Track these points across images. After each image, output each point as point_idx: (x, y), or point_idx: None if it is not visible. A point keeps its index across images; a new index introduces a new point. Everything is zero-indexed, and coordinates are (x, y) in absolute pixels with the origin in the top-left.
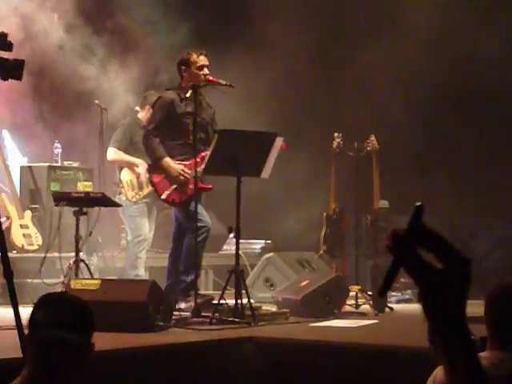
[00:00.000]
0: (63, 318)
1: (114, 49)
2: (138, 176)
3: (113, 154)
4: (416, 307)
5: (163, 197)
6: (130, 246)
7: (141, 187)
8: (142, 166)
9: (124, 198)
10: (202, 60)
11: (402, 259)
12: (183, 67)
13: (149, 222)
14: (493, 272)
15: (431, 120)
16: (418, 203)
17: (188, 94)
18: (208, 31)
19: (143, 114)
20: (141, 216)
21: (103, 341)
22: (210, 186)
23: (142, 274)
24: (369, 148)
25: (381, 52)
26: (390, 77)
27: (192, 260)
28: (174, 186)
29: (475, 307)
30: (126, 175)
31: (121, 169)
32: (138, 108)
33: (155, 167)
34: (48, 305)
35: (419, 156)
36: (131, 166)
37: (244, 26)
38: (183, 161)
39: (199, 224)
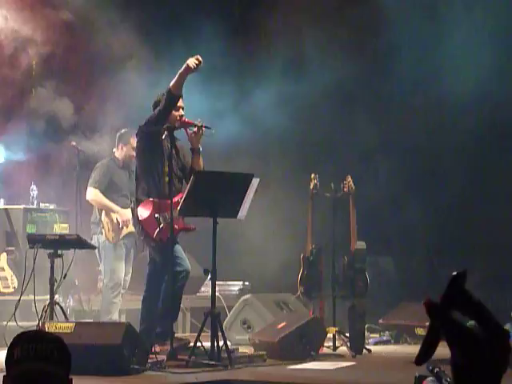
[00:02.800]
0: (43, 352)
1: None
2: (115, 221)
3: (92, 194)
4: (393, 349)
5: (154, 236)
6: (104, 290)
7: (121, 228)
8: (118, 213)
9: (104, 239)
10: (179, 101)
11: (438, 328)
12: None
13: (126, 263)
14: None
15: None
16: (455, 272)
17: (163, 136)
18: None
19: (119, 153)
20: (118, 259)
21: None
22: (193, 227)
23: (116, 318)
24: (345, 189)
25: None
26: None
27: (170, 305)
28: (162, 225)
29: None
30: (106, 216)
31: (101, 209)
32: (114, 149)
33: (143, 202)
34: (25, 341)
35: (396, 196)
36: (108, 211)
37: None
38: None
39: (178, 268)
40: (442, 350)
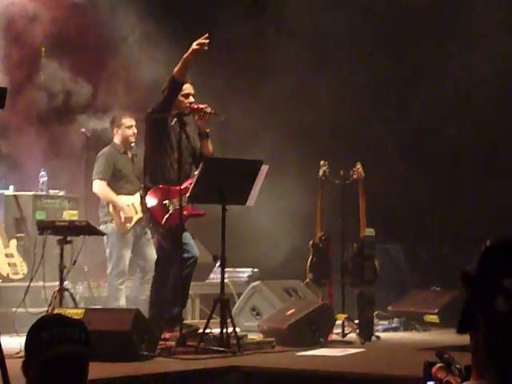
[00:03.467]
0: (73, 335)
1: None
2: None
3: (98, 187)
4: (402, 336)
5: (163, 222)
6: (110, 277)
7: (130, 219)
8: (122, 210)
9: (112, 226)
10: (188, 88)
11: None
12: None
13: (145, 248)
14: None
15: (417, 148)
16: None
17: (173, 123)
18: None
19: (116, 138)
20: (125, 247)
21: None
22: (203, 212)
23: (124, 304)
24: (355, 176)
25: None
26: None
27: (179, 291)
28: (170, 211)
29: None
30: (113, 209)
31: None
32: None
33: (152, 190)
34: (53, 325)
35: (406, 183)
36: (114, 205)
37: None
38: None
39: (186, 255)
40: (452, 338)
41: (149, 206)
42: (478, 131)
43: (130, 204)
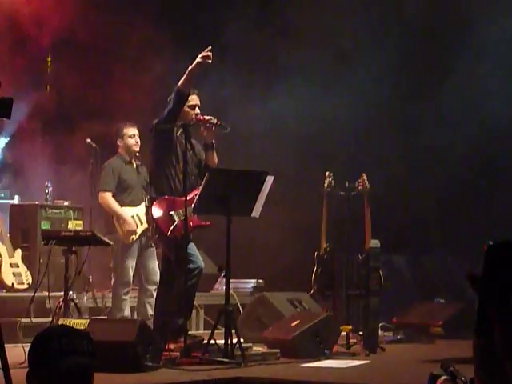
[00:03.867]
0: (79, 346)
1: None
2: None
3: (102, 199)
4: (407, 348)
5: (169, 233)
6: (114, 287)
7: (133, 232)
8: (124, 223)
9: (118, 237)
10: (194, 99)
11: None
12: None
13: (148, 260)
14: None
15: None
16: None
17: (178, 134)
18: None
19: (120, 148)
20: (129, 257)
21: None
22: (209, 223)
23: (128, 315)
24: (360, 187)
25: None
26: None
27: (184, 302)
28: (176, 222)
29: (463, 348)
30: (117, 221)
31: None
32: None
33: (157, 201)
34: (61, 336)
35: (411, 195)
36: (118, 217)
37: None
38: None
39: (191, 266)
40: (457, 350)
41: (155, 216)
42: (480, 144)
43: (135, 215)
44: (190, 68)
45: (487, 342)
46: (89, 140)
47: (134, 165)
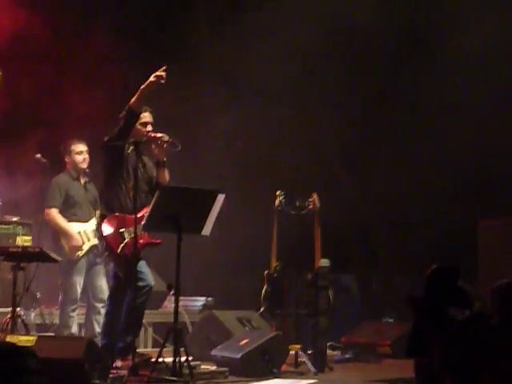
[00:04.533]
0: (30, 366)
1: None
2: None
3: (49, 215)
4: (355, 367)
5: (118, 251)
6: (61, 304)
7: (79, 247)
8: (70, 238)
9: (65, 253)
10: (146, 117)
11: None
12: None
13: (96, 277)
14: None
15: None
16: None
17: (129, 151)
18: None
19: (68, 165)
20: (77, 274)
21: None
22: (159, 241)
23: (75, 332)
24: (310, 207)
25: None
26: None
27: (133, 320)
28: (126, 240)
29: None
30: (62, 237)
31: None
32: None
33: (108, 218)
34: (9, 356)
35: (360, 215)
36: (63, 233)
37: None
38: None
39: (141, 283)
40: (404, 370)
41: (105, 234)
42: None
43: (82, 231)
44: (141, 88)
45: (427, 362)
46: (39, 155)
47: (82, 181)
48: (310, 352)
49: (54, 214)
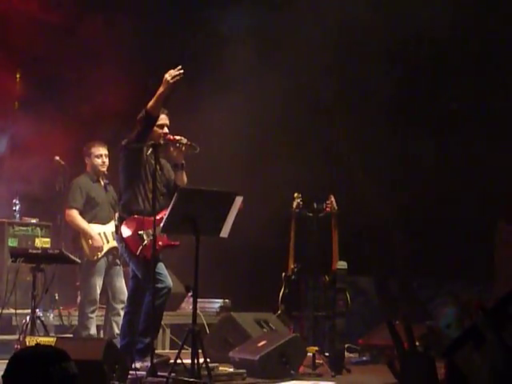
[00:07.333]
0: (72, 369)
1: None
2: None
3: (70, 216)
4: (373, 369)
5: (138, 253)
6: (80, 305)
7: (100, 248)
8: (92, 239)
9: (84, 255)
10: (163, 119)
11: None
12: None
13: (114, 278)
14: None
15: (390, 181)
16: None
17: (148, 153)
18: None
19: (88, 167)
20: (96, 275)
21: None
22: (178, 243)
23: (94, 333)
24: (328, 209)
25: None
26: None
27: (151, 321)
28: (145, 242)
29: None
30: (83, 237)
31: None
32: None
33: (127, 220)
34: (56, 360)
35: (378, 217)
36: (84, 234)
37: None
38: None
39: (160, 285)
40: None
41: (124, 236)
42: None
43: (102, 233)
44: (159, 91)
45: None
46: (57, 158)
47: (102, 183)
48: (327, 354)
49: (75, 214)
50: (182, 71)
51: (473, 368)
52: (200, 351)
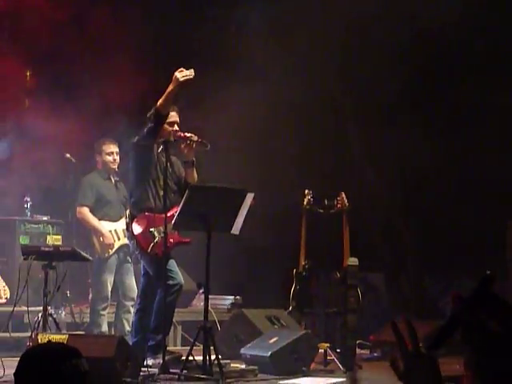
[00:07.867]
0: (83, 365)
1: None
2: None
3: (81, 213)
4: (384, 365)
5: (149, 250)
6: (92, 303)
7: (111, 245)
8: (103, 236)
9: (95, 252)
10: (173, 116)
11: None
12: None
13: (125, 275)
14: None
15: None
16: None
17: (159, 150)
18: None
19: (99, 164)
20: (107, 273)
21: None
22: (189, 240)
23: (106, 330)
24: (339, 205)
25: None
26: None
27: (163, 318)
28: (156, 239)
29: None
30: (94, 234)
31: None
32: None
33: (137, 217)
34: (67, 357)
35: (389, 214)
36: (95, 231)
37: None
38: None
39: (171, 282)
40: None
41: (135, 233)
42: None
43: (113, 230)
44: (170, 89)
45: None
46: (68, 155)
47: (113, 180)
48: (338, 350)
49: (86, 212)
50: (193, 74)
51: (470, 363)
52: (212, 348)
